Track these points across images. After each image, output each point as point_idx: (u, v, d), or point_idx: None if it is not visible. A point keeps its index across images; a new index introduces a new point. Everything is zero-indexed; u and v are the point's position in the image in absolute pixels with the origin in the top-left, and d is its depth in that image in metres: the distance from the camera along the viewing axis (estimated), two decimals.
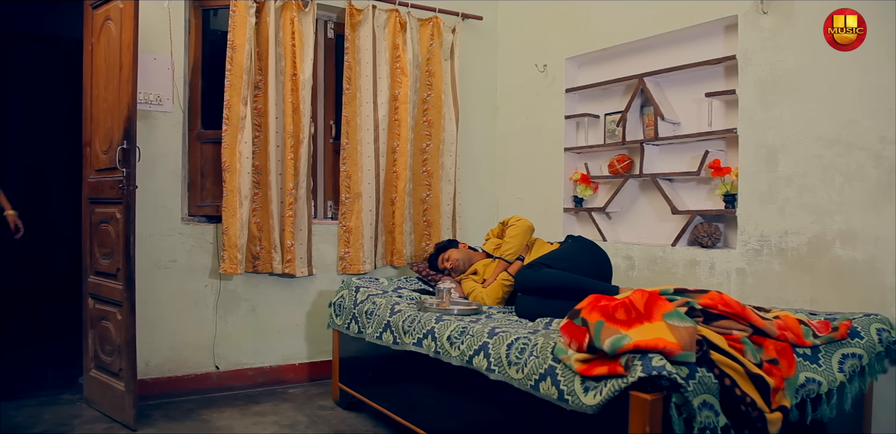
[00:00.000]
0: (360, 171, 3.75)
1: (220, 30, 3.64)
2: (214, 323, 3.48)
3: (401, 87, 3.87)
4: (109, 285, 3.01)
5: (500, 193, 4.40)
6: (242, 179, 3.36)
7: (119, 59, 2.94)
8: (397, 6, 3.85)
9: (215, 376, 3.48)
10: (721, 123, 3.13)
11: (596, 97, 3.81)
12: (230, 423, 3.01)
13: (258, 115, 3.48)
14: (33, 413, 3.04)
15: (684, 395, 1.61)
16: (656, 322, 1.72)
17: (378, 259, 3.86)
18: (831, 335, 2.10)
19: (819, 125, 2.64)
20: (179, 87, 3.38)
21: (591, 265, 2.88)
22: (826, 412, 2.03)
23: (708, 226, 3.09)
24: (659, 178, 3.32)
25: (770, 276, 2.80)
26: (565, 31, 3.88)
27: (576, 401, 1.77)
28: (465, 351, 2.27)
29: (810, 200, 2.67)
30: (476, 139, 4.33)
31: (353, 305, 3.11)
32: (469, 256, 3.40)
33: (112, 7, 3.01)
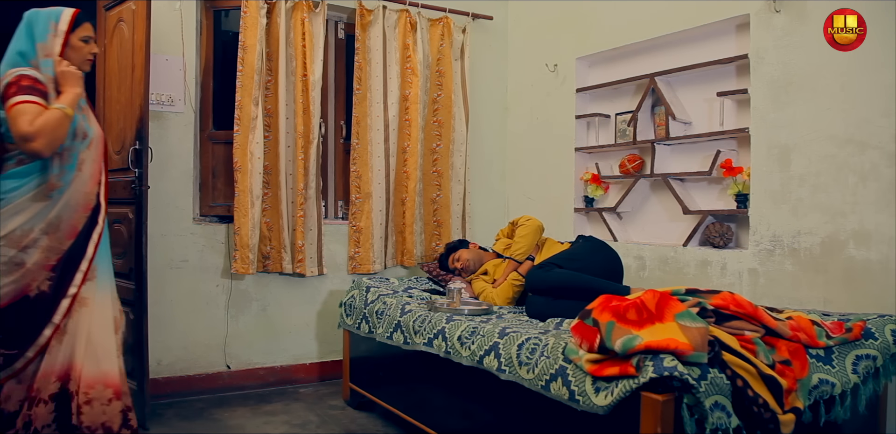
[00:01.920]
0: (371, 171, 3.76)
1: (231, 31, 3.66)
2: (226, 323, 3.49)
3: (411, 88, 3.87)
4: (122, 285, 3.02)
5: (510, 193, 4.39)
6: (254, 179, 3.37)
7: (131, 60, 2.96)
8: (408, 6, 3.85)
9: (227, 376, 3.50)
10: (733, 123, 3.11)
11: (607, 97, 3.80)
12: (241, 422, 3.02)
13: (269, 115, 3.49)
14: None
15: (696, 396, 1.61)
16: (668, 322, 1.72)
17: (388, 259, 3.86)
18: (845, 336, 2.09)
19: (832, 124, 2.62)
20: (191, 88, 3.40)
21: (602, 265, 2.88)
22: (840, 414, 2.01)
23: (720, 226, 3.08)
24: (670, 178, 3.30)
25: (782, 277, 2.78)
26: (576, 31, 3.87)
27: (587, 401, 1.77)
28: (475, 351, 2.27)
29: (823, 200, 2.65)
30: (486, 139, 4.32)
31: (363, 305, 3.12)
32: (479, 256, 3.40)
33: (125, 9, 3.03)
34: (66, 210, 2.26)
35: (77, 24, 2.30)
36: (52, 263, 2.23)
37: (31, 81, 2.18)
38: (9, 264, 2.16)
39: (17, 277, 2.17)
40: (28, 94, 2.14)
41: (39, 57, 2.24)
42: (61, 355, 2.23)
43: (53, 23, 2.27)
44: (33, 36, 2.25)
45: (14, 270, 2.17)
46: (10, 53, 2.25)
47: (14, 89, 2.15)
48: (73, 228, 2.27)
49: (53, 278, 2.23)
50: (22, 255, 2.18)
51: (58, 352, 2.22)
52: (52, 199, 2.23)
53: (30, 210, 2.20)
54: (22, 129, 2.09)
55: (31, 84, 2.17)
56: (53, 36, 2.26)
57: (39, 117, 2.13)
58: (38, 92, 2.17)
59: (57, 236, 2.24)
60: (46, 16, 2.28)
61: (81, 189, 2.30)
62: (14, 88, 2.15)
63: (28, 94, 2.14)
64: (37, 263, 2.20)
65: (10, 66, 2.22)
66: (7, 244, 2.16)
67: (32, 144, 2.11)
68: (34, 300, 2.19)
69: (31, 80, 2.18)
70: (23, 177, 2.20)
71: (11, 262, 2.16)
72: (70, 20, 2.29)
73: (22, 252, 2.18)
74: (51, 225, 2.23)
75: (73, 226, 2.28)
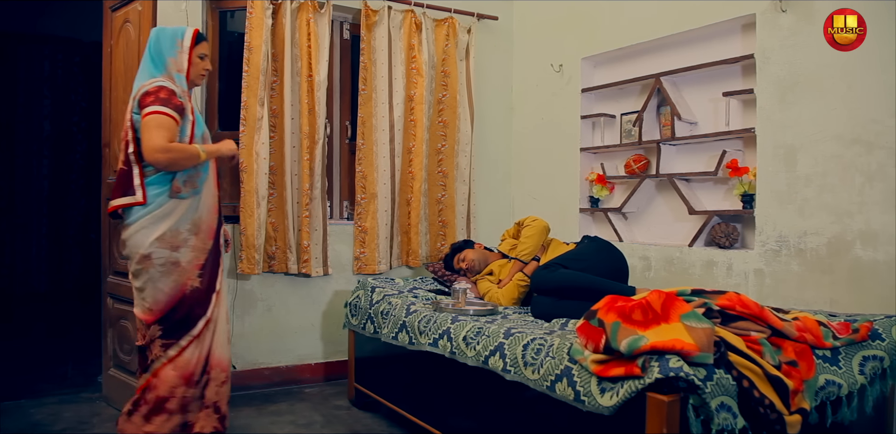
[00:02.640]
0: (376, 171, 3.76)
1: (236, 31, 3.67)
2: (231, 323, 3.49)
3: (416, 88, 3.88)
4: (128, 285, 3.02)
5: (515, 194, 4.39)
6: (259, 180, 3.38)
7: (138, 60, 2.96)
8: (413, 7, 3.85)
9: (232, 376, 3.48)
10: (739, 123, 3.10)
11: (612, 97, 3.79)
12: (247, 422, 3.03)
13: (274, 115, 3.50)
14: (54, 411, 3.08)
15: (702, 397, 1.60)
16: (673, 323, 1.71)
17: (393, 259, 3.87)
18: (851, 337, 2.08)
19: (839, 124, 2.62)
20: (197, 89, 3.41)
21: (608, 266, 2.87)
22: (846, 415, 2.00)
23: (725, 226, 3.07)
24: (676, 179, 3.29)
25: (789, 277, 2.77)
26: (581, 31, 3.86)
27: (592, 402, 1.76)
28: (480, 351, 2.27)
29: (830, 200, 2.64)
30: (491, 139, 4.32)
31: (368, 306, 3.12)
32: (485, 257, 3.40)
33: (131, 9, 3.04)
34: (204, 211, 2.50)
35: (197, 42, 2.52)
36: (202, 262, 2.48)
37: (169, 94, 2.36)
38: (167, 264, 2.39)
39: (176, 276, 2.42)
40: (164, 105, 2.33)
41: (171, 71, 2.46)
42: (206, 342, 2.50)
43: (179, 40, 2.49)
44: (162, 51, 2.46)
45: (173, 270, 2.41)
46: (145, 66, 2.47)
47: (152, 99, 2.33)
48: (210, 229, 2.52)
49: (203, 275, 2.49)
50: (176, 255, 2.41)
51: (205, 339, 2.49)
52: (190, 199, 2.45)
53: (176, 212, 2.41)
54: (156, 142, 2.28)
55: (168, 97, 2.36)
56: (180, 52, 2.48)
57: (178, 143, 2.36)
58: (173, 105, 2.35)
59: (201, 237, 2.48)
60: (172, 33, 2.49)
61: (211, 191, 2.55)
62: (152, 98, 2.33)
63: (164, 106, 2.33)
64: (189, 262, 2.45)
65: (148, 77, 2.43)
66: (161, 245, 2.38)
67: (157, 157, 2.30)
68: (189, 295, 2.45)
69: (168, 92, 2.37)
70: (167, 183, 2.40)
71: (169, 262, 2.39)
72: (192, 38, 2.50)
73: (175, 252, 2.41)
74: (195, 225, 2.46)
75: (210, 226, 2.53)
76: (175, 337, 2.42)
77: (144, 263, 2.38)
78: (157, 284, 2.39)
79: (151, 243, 2.37)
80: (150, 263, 2.38)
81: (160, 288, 2.39)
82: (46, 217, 6.15)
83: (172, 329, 2.42)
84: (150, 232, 2.37)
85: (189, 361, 2.42)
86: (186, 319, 2.43)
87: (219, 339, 2.54)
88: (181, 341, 2.43)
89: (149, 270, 2.38)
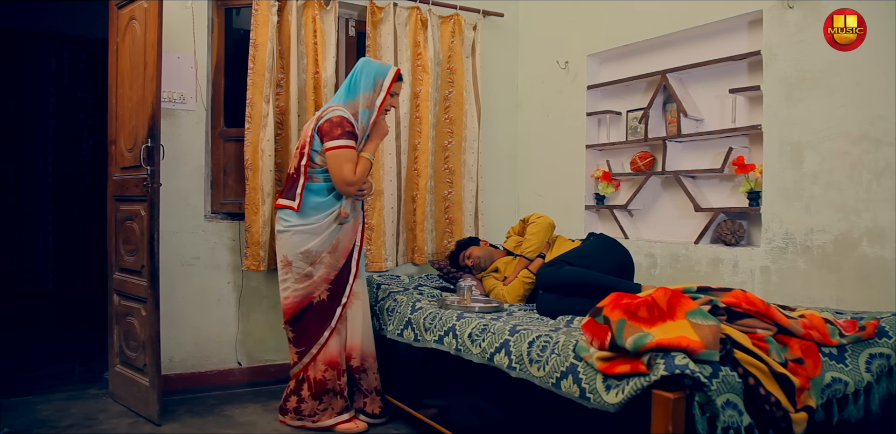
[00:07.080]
0: (382, 168, 3.76)
1: (242, 28, 3.67)
2: (237, 319, 3.51)
3: (422, 85, 3.87)
4: (134, 282, 3.04)
5: (521, 191, 4.39)
6: (265, 177, 3.38)
7: (143, 58, 2.97)
8: (418, 4, 3.85)
9: (238, 372, 3.51)
10: (745, 120, 3.09)
11: (618, 94, 3.78)
12: (252, 418, 3.03)
13: (280, 112, 3.50)
14: (61, 407, 3.10)
15: (707, 394, 1.60)
16: (679, 320, 1.71)
17: (399, 256, 3.87)
18: (858, 334, 2.07)
19: (846, 121, 2.60)
20: (203, 86, 3.42)
21: (613, 263, 2.87)
22: (853, 413, 1.99)
23: (731, 223, 3.06)
24: (682, 176, 3.29)
25: (795, 275, 2.76)
26: (587, 28, 3.85)
27: (597, 399, 1.76)
28: (486, 348, 2.27)
29: (837, 198, 2.63)
30: (497, 136, 4.32)
31: (374, 302, 3.12)
32: (490, 254, 3.39)
33: (136, 7, 3.05)
34: (345, 234, 2.81)
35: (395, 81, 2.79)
36: (332, 278, 2.79)
37: (351, 127, 2.70)
38: (300, 275, 2.76)
39: (305, 286, 2.77)
40: (348, 138, 2.68)
41: (360, 104, 2.76)
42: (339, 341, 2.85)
43: (380, 80, 2.77)
44: (359, 84, 2.77)
45: (304, 280, 2.77)
46: (342, 88, 2.81)
47: (339, 131, 2.67)
48: (346, 249, 2.83)
49: (331, 290, 2.80)
50: (311, 269, 2.76)
51: (335, 343, 2.82)
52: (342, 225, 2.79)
53: (325, 234, 2.75)
54: (347, 176, 2.68)
55: (352, 129, 2.70)
56: (376, 91, 2.77)
57: (359, 166, 2.71)
58: (353, 137, 2.71)
59: (336, 256, 2.79)
60: (376, 71, 2.79)
61: (359, 212, 2.86)
62: (339, 131, 2.67)
63: (348, 139, 2.68)
64: (321, 277, 2.77)
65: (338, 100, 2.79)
66: (303, 259, 2.74)
67: (350, 189, 2.72)
68: (316, 306, 2.79)
69: (350, 124, 2.70)
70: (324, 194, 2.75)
71: (302, 274, 2.76)
72: (393, 78, 2.78)
73: (311, 267, 2.76)
74: (334, 247, 2.79)
75: (347, 247, 2.83)
76: (305, 345, 2.80)
77: (287, 268, 2.77)
78: (291, 288, 2.77)
79: (296, 256, 2.74)
80: (290, 269, 2.76)
81: (292, 293, 2.77)
82: (52, 214, 6.17)
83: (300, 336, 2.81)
84: (300, 244, 2.72)
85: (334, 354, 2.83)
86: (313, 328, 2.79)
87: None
88: (312, 349, 2.80)
89: (288, 274, 2.77)
